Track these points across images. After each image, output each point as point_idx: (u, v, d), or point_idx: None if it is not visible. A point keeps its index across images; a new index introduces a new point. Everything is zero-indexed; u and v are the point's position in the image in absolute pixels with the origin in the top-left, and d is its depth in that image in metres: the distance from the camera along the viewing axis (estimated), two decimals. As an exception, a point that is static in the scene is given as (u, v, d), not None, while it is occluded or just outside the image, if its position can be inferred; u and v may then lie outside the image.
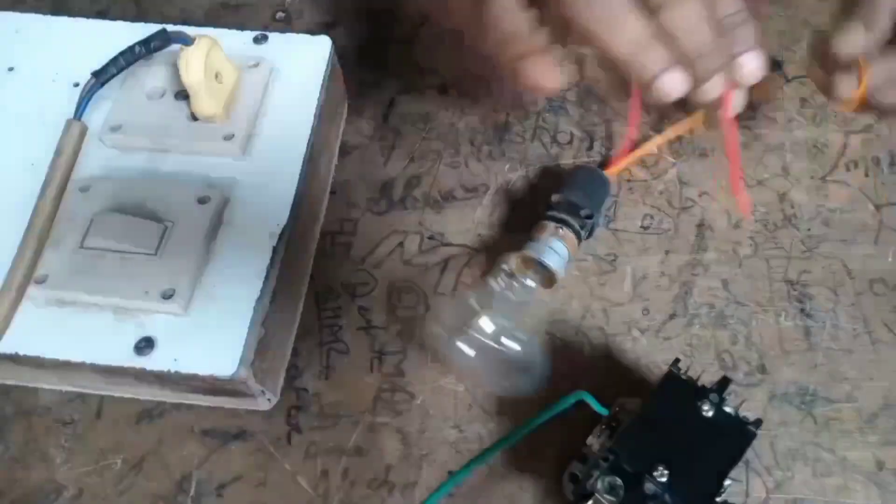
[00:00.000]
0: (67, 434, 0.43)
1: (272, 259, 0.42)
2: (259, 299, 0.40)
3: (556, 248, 0.42)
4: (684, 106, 0.40)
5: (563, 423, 0.43)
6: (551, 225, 0.44)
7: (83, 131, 0.43)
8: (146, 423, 0.44)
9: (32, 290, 0.40)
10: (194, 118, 0.45)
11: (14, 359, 0.40)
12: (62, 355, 0.39)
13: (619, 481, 0.35)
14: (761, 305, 0.46)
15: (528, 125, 0.54)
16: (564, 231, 0.43)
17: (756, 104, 0.54)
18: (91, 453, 0.43)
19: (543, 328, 0.46)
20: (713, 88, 0.31)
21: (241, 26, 0.51)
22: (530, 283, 0.42)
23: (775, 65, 0.51)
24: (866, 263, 0.47)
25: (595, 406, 0.39)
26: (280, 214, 0.43)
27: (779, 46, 0.57)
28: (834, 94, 0.35)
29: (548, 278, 0.42)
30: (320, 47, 0.50)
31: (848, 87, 0.34)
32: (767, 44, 0.30)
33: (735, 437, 0.37)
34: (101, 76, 0.42)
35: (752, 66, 0.31)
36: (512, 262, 0.42)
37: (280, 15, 0.60)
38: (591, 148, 0.52)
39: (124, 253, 0.41)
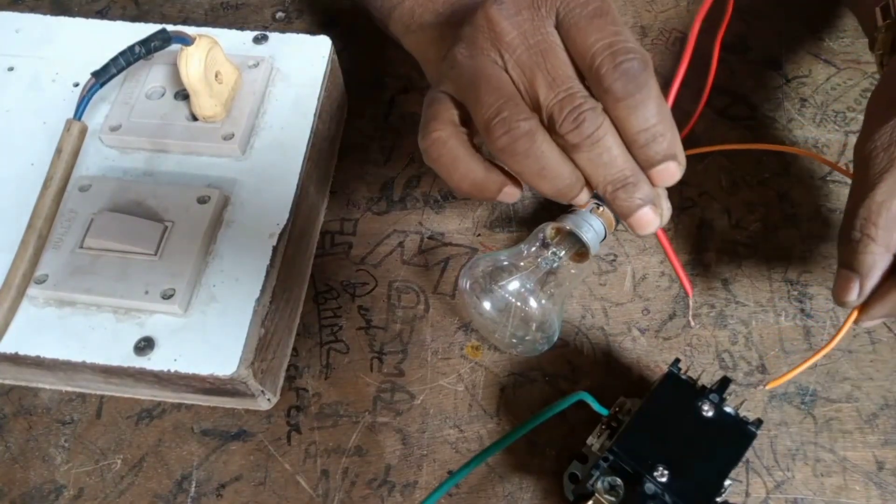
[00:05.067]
0: (67, 434, 0.43)
1: (272, 259, 0.42)
2: (259, 299, 0.40)
3: (593, 224, 0.42)
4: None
5: (563, 423, 0.43)
6: (591, 201, 0.44)
7: (83, 131, 0.43)
8: (146, 423, 0.44)
9: (32, 290, 0.40)
10: (194, 118, 0.45)
11: (14, 359, 0.40)
12: (62, 355, 0.39)
13: (619, 481, 0.35)
14: (761, 305, 0.46)
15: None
16: (603, 209, 0.43)
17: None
18: (91, 453, 0.43)
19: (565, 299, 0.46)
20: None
21: (241, 26, 0.51)
22: (561, 253, 0.42)
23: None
24: (866, 263, 0.47)
25: (595, 406, 0.39)
26: (280, 214, 0.43)
27: (779, 46, 0.57)
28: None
29: (579, 253, 0.43)
30: (320, 47, 0.50)
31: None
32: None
33: (735, 437, 0.37)
34: (101, 76, 0.42)
35: (665, 176, 0.33)
36: (548, 230, 0.43)
37: (280, 15, 0.60)
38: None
39: (124, 253, 0.41)
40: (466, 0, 0.41)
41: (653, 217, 0.33)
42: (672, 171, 0.33)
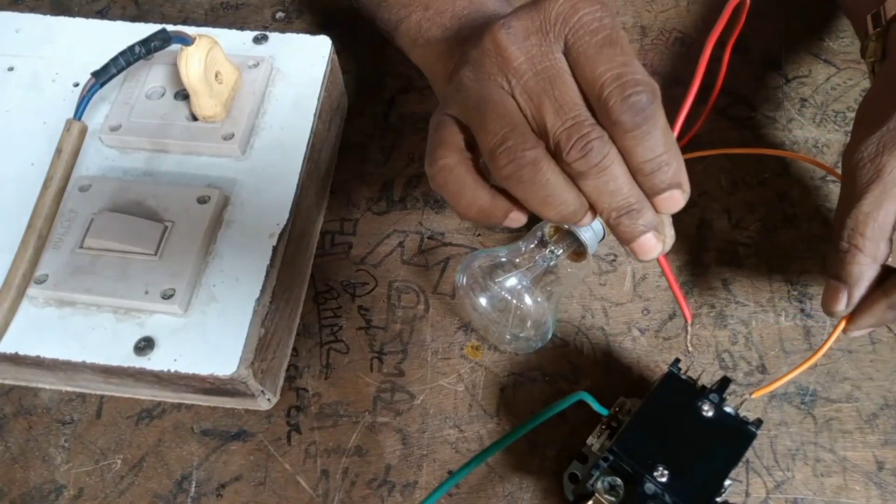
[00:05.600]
0: (67, 434, 0.43)
1: (272, 259, 0.42)
2: (259, 299, 0.40)
3: (591, 224, 0.42)
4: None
5: (563, 423, 0.43)
6: None
7: (83, 131, 0.43)
8: (146, 423, 0.44)
9: (32, 290, 0.40)
10: (194, 118, 0.45)
11: (14, 359, 0.40)
12: (62, 355, 0.39)
13: (619, 481, 0.35)
14: (761, 305, 0.46)
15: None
16: None
17: (755, 105, 0.54)
18: (91, 453, 0.43)
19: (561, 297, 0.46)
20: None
21: (241, 26, 0.51)
22: (558, 251, 0.42)
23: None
24: (866, 263, 0.47)
25: (595, 406, 0.39)
26: (280, 214, 0.43)
27: (779, 46, 0.57)
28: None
29: (577, 252, 0.43)
30: (320, 47, 0.50)
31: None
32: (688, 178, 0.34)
33: (735, 437, 0.37)
34: (101, 76, 0.42)
35: (669, 204, 0.33)
36: (547, 228, 0.42)
37: (280, 15, 0.60)
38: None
39: (124, 253, 0.41)
40: (474, 15, 0.41)
41: (655, 243, 0.33)
42: (676, 199, 0.33)
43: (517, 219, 0.35)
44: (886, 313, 0.36)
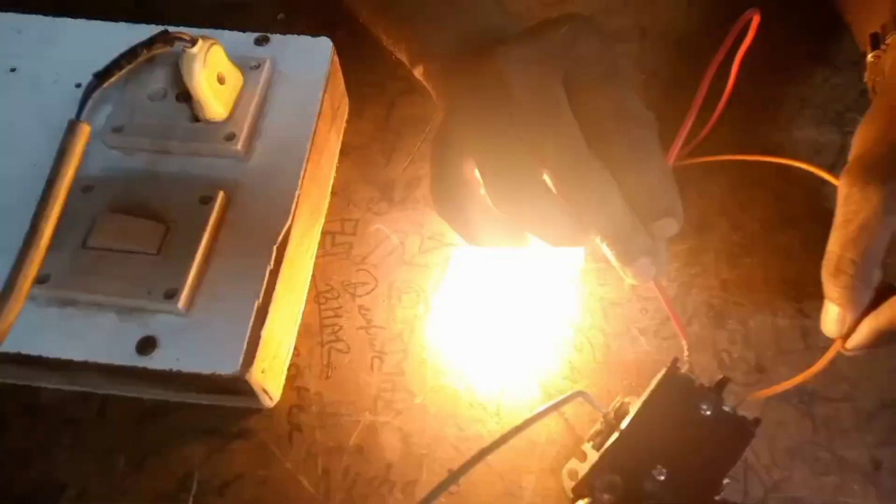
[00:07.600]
0: (70, 433, 0.44)
1: (274, 259, 0.42)
2: (260, 299, 0.41)
3: None
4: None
5: (562, 421, 0.43)
6: None
7: (85, 132, 0.43)
8: (148, 423, 0.44)
9: (34, 290, 0.40)
10: (196, 119, 0.46)
11: (16, 358, 0.40)
12: (64, 355, 0.40)
13: (618, 481, 0.35)
14: (759, 305, 0.47)
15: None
16: None
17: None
18: (93, 452, 0.43)
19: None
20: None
21: (243, 28, 0.51)
22: None
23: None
24: (864, 264, 0.48)
25: (595, 405, 0.39)
26: (281, 215, 0.43)
27: (779, 46, 0.57)
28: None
29: None
30: (321, 48, 0.50)
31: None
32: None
33: (733, 436, 0.37)
34: (104, 77, 0.42)
35: (664, 230, 0.34)
36: None
37: (281, 16, 0.60)
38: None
39: (126, 253, 0.41)
40: (477, 30, 0.40)
41: (649, 267, 0.34)
42: (670, 226, 0.34)
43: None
44: (881, 336, 0.37)
